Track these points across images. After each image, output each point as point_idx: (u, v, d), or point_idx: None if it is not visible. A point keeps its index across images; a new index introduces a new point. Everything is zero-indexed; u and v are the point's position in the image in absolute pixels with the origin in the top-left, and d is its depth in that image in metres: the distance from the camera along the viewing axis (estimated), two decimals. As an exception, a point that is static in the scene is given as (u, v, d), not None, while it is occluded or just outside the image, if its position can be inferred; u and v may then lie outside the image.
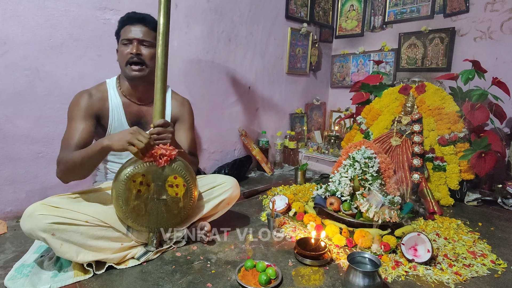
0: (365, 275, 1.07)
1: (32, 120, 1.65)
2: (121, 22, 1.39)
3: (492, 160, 1.87)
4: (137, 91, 1.43)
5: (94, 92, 1.38)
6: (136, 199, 1.22)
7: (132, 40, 1.34)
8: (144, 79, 1.38)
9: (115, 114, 1.40)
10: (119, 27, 1.40)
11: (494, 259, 1.35)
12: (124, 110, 1.41)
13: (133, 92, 1.43)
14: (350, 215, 1.59)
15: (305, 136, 3.13)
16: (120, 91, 1.42)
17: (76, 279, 1.13)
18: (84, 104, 1.33)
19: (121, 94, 1.42)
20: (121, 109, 1.41)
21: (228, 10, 2.36)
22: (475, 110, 1.92)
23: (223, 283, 1.14)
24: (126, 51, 1.34)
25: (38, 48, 1.61)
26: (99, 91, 1.39)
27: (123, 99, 1.42)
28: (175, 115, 1.52)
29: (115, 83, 1.44)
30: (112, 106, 1.39)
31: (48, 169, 1.72)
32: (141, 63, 1.35)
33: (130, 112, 1.43)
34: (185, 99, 1.59)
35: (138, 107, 1.44)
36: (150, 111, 1.43)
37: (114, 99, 1.40)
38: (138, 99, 1.44)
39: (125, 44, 1.35)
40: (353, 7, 3.12)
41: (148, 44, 1.36)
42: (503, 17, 2.23)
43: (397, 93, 2.28)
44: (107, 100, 1.39)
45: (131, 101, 1.43)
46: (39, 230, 1.07)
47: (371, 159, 1.65)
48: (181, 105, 1.54)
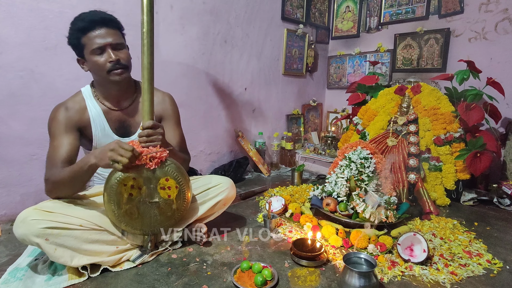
0: (361, 275, 1.06)
1: (26, 122, 1.64)
2: (80, 30, 1.22)
3: (487, 160, 1.87)
4: (116, 96, 1.36)
5: (70, 104, 1.30)
6: (128, 203, 1.21)
7: (104, 47, 1.23)
8: (125, 81, 1.33)
9: (98, 123, 1.33)
10: (77, 36, 1.23)
11: (490, 258, 1.36)
12: (105, 117, 1.35)
13: (112, 98, 1.36)
14: (346, 215, 1.59)
15: (302, 137, 3.14)
16: (97, 99, 1.35)
17: (70, 282, 1.12)
18: (62, 118, 1.27)
19: (99, 102, 1.35)
20: (102, 117, 1.34)
21: (224, 12, 2.36)
22: (470, 110, 1.93)
23: (219, 285, 1.14)
24: (102, 60, 1.24)
25: (32, 50, 1.61)
26: (76, 102, 1.32)
27: (102, 106, 1.34)
28: (158, 113, 1.44)
29: (91, 91, 1.35)
30: (92, 116, 1.33)
31: (42, 172, 1.67)
32: (122, 67, 1.28)
33: (111, 118, 1.36)
34: (166, 93, 1.49)
35: (118, 113, 1.37)
36: (131, 113, 1.39)
37: (93, 108, 1.33)
38: (117, 104, 1.37)
39: (98, 53, 1.23)
40: (348, 8, 3.13)
41: (121, 47, 1.28)
42: (497, 18, 2.24)
43: (393, 94, 2.29)
44: (86, 111, 1.32)
45: (109, 108, 1.36)
46: (32, 235, 1.05)
47: (367, 159, 1.65)
48: (162, 102, 1.46)
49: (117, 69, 1.27)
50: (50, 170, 1.21)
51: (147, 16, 1.21)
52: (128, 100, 1.39)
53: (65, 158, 1.23)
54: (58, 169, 1.19)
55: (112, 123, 1.37)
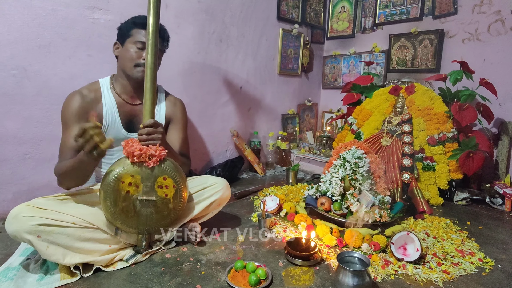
0: (355, 274, 1.07)
1: (20, 121, 1.62)
2: (138, 24, 1.37)
3: (480, 160, 1.89)
4: (133, 91, 1.44)
5: (86, 92, 1.36)
6: (125, 200, 1.21)
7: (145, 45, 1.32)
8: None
9: (110, 114, 1.39)
10: (131, 26, 1.38)
11: (482, 257, 1.37)
12: (118, 110, 1.41)
13: (128, 92, 1.44)
14: (340, 215, 1.59)
15: (297, 136, 3.14)
16: (114, 91, 1.42)
17: (62, 282, 1.11)
18: (77, 106, 1.31)
19: (115, 94, 1.42)
20: (115, 108, 1.40)
21: (219, 11, 2.36)
22: (463, 111, 1.95)
23: (213, 285, 1.13)
24: (138, 53, 1.36)
25: (25, 48, 1.59)
26: (92, 91, 1.38)
27: (117, 98, 1.42)
28: (168, 116, 1.53)
29: (109, 83, 1.43)
30: (106, 106, 1.38)
31: (35, 170, 1.69)
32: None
33: (124, 112, 1.43)
34: (177, 99, 1.60)
35: (131, 107, 1.45)
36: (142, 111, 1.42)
37: (108, 99, 1.40)
38: (132, 99, 1.45)
39: (138, 47, 1.36)
40: (344, 8, 3.14)
41: (159, 55, 1.38)
42: (490, 19, 2.27)
43: (387, 94, 2.30)
44: (101, 100, 1.38)
45: (124, 101, 1.43)
46: (24, 232, 1.05)
47: (361, 159, 1.66)
48: (173, 105, 1.55)
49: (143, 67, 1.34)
50: (60, 160, 1.25)
51: (153, 18, 1.24)
52: (142, 98, 1.41)
53: (75, 148, 1.23)
54: (65, 160, 1.23)
55: (123, 116, 1.42)
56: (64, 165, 1.22)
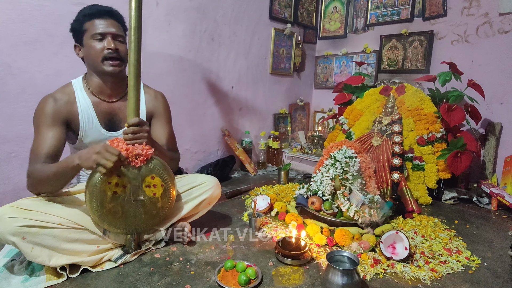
0: (344, 273, 1.07)
1: (3, 119, 1.58)
2: (86, 16, 1.27)
3: (467, 160, 1.92)
4: (109, 88, 1.34)
5: (59, 96, 1.27)
6: (112, 201, 1.18)
7: (105, 35, 1.26)
8: (119, 74, 1.33)
9: (86, 115, 1.30)
10: (81, 21, 1.27)
11: (469, 255, 1.39)
12: (94, 110, 1.32)
13: (104, 90, 1.34)
14: (331, 214, 1.60)
15: (289, 136, 3.15)
16: (88, 90, 1.33)
17: (48, 283, 1.09)
18: (50, 110, 1.23)
19: (90, 93, 1.33)
20: (91, 109, 1.32)
21: (211, 9, 2.34)
22: (451, 111, 1.98)
23: (202, 284, 1.13)
24: (100, 46, 1.25)
25: (9, 44, 1.55)
26: (65, 93, 1.29)
27: (92, 98, 1.33)
28: (150, 110, 1.44)
29: (82, 82, 1.34)
30: (81, 108, 1.30)
31: (21, 170, 1.65)
32: (118, 59, 1.29)
33: (101, 111, 1.34)
34: (158, 92, 1.50)
35: (109, 105, 1.36)
36: (122, 107, 1.37)
37: (83, 100, 1.31)
38: (109, 96, 1.36)
39: (98, 39, 1.26)
40: (336, 9, 3.16)
41: (122, 40, 1.31)
42: (479, 21, 2.30)
43: (378, 94, 2.32)
44: (75, 103, 1.29)
45: (101, 99, 1.34)
46: (8, 233, 1.02)
47: (352, 158, 1.67)
48: (154, 99, 1.46)
49: (113, 59, 1.28)
50: (34, 164, 1.18)
51: (135, 13, 1.20)
52: (119, 94, 1.38)
53: (50, 153, 1.20)
54: (42, 165, 1.16)
55: (101, 116, 1.34)
56: (46, 170, 1.14)
